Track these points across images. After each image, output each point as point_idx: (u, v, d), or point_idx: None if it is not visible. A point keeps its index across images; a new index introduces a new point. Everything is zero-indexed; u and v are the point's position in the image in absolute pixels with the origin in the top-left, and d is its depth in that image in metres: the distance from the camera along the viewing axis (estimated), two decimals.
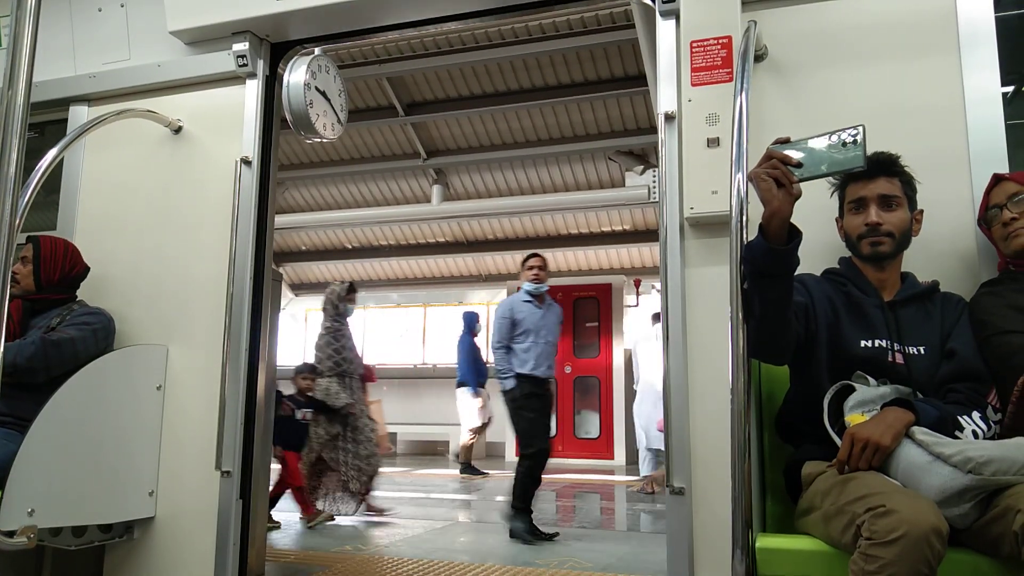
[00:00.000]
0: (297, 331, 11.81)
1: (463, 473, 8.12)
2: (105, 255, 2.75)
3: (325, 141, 2.72)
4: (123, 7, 2.92)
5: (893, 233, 1.73)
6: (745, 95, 1.75)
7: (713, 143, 2.07)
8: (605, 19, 6.41)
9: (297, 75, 2.53)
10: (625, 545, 4.21)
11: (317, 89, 2.60)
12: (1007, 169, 1.89)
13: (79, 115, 2.93)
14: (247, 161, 2.67)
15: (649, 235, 9.70)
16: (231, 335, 2.54)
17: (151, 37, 2.87)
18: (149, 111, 2.78)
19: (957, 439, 1.49)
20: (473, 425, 8.15)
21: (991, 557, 1.37)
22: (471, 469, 8.12)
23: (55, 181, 2.89)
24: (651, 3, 2.27)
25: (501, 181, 9.19)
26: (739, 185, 1.63)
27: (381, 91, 7.86)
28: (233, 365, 2.54)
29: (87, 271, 2.65)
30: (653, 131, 2.38)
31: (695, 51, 2.13)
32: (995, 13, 1.98)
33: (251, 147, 2.69)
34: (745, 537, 1.51)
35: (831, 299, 1.75)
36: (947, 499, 1.37)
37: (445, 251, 10.92)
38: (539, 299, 4.56)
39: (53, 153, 2.32)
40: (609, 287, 9.95)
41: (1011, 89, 2.06)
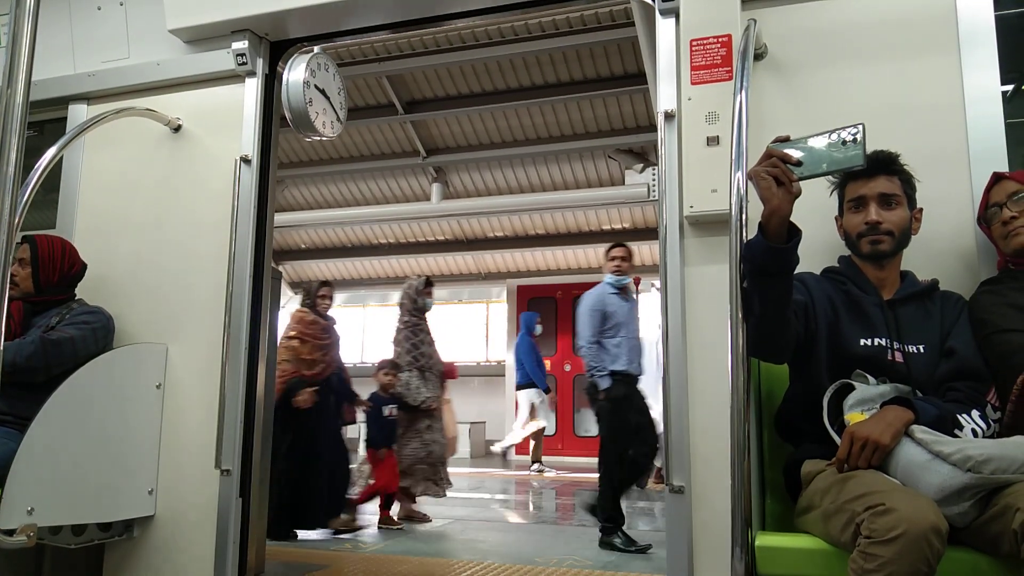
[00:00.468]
0: None
1: (536, 471, 8.43)
2: (104, 254, 2.75)
3: (324, 139, 2.72)
4: (122, 5, 2.91)
5: (893, 232, 1.73)
6: (745, 93, 1.75)
7: (713, 141, 2.07)
8: (605, 17, 6.41)
9: (296, 73, 2.53)
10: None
11: (316, 87, 2.60)
12: (1007, 168, 1.89)
13: (78, 114, 2.92)
14: (246, 159, 2.67)
15: (649, 233, 9.68)
16: (231, 333, 2.54)
17: (150, 35, 2.86)
18: (148, 110, 2.77)
19: (956, 438, 1.49)
20: (539, 426, 8.28)
21: (990, 555, 1.37)
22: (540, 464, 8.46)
23: (54, 180, 2.88)
24: (651, 1, 2.26)
25: (501, 179, 9.18)
26: (739, 183, 1.63)
27: (380, 89, 7.86)
28: (233, 363, 2.54)
29: (85, 269, 2.64)
30: (653, 129, 2.38)
31: (695, 49, 2.13)
32: (995, 12, 1.98)
33: (250, 145, 2.69)
34: (745, 535, 1.51)
35: (831, 298, 1.75)
36: (946, 497, 1.37)
37: (445, 249, 10.91)
38: (623, 291, 4.37)
39: (52, 151, 2.32)
40: None
41: (1011, 88, 2.06)
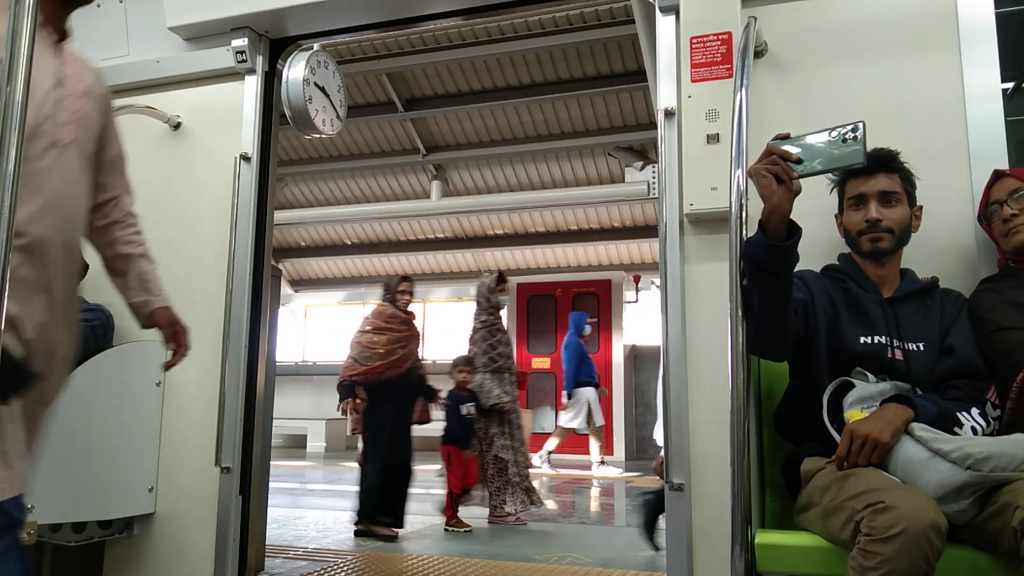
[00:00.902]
0: (296, 327, 11.81)
1: (553, 468, 8.25)
2: None
3: (324, 137, 2.72)
4: (122, 3, 2.91)
5: (893, 229, 1.73)
6: (745, 91, 1.75)
7: (713, 139, 2.07)
8: (605, 15, 6.40)
9: (296, 71, 2.53)
10: (624, 539, 4.21)
11: (316, 85, 2.60)
12: (1007, 165, 1.89)
13: None
14: (246, 157, 2.67)
15: (649, 231, 9.69)
16: (231, 331, 2.54)
17: (150, 33, 2.86)
18: (148, 107, 2.77)
19: (956, 435, 1.49)
20: (586, 429, 8.04)
21: (990, 553, 1.37)
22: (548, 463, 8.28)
23: None
24: None
25: (501, 177, 9.18)
26: (739, 181, 1.63)
27: (380, 87, 7.86)
28: (232, 361, 2.54)
29: (87, 269, 2.63)
30: (653, 127, 2.38)
31: (695, 47, 2.13)
32: (995, 9, 1.98)
33: (250, 143, 2.68)
34: (744, 533, 1.51)
35: (830, 295, 1.75)
36: (946, 495, 1.38)
37: (444, 247, 10.91)
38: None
39: None
40: (609, 283, 9.95)
41: (1011, 85, 2.06)
